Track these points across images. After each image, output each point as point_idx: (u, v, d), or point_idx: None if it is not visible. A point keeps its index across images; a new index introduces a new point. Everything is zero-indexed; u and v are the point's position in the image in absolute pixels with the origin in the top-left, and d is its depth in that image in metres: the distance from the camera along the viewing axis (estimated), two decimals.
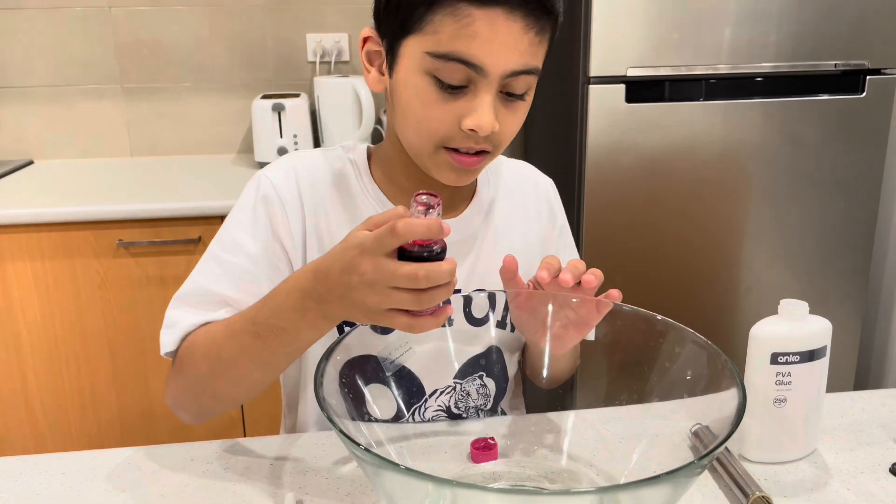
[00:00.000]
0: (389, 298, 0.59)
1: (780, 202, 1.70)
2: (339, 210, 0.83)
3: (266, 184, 0.82)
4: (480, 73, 0.69)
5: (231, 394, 0.76)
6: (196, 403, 0.79)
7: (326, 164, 0.85)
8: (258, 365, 0.71)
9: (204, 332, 0.76)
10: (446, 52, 0.69)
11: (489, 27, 0.67)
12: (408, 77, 0.72)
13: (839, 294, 1.77)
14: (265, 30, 2.08)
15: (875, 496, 0.71)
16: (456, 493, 0.63)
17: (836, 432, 0.82)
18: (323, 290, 0.63)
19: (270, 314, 0.67)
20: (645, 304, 0.72)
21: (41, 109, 2.05)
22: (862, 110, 1.66)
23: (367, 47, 0.78)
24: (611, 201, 1.64)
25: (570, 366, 0.85)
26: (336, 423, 0.56)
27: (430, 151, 0.75)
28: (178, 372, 0.78)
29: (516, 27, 0.68)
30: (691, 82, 1.62)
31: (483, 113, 0.70)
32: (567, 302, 0.75)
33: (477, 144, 0.73)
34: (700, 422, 0.68)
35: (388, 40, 0.74)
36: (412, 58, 0.71)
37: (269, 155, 1.91)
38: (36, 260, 1.60)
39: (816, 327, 0.74)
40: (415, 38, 0.71)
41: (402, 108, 0.74)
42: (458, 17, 0.68)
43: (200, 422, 0.80)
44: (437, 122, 0.72)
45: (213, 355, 0.73)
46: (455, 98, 0.71)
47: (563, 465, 0.76)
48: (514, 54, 0.69)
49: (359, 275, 0.59)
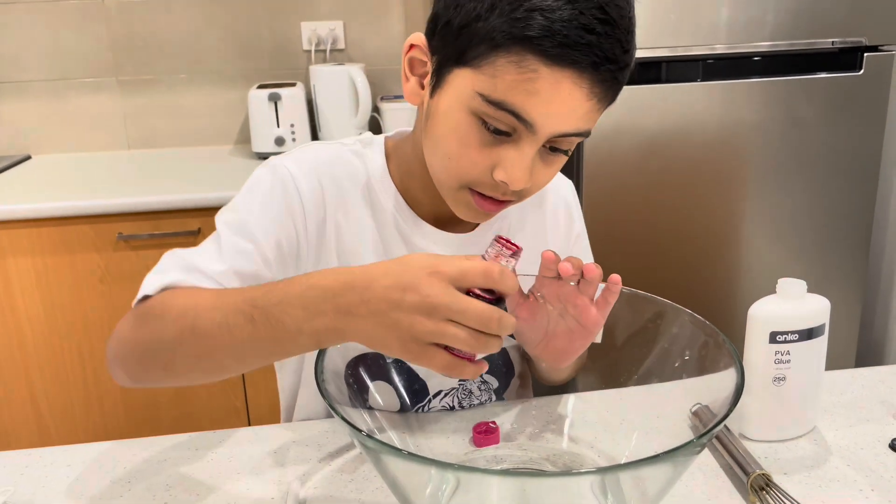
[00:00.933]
0: (444, 331, 0.53)
1: (780, 182, 1.70)
2: (360, 209, 0.80)
3: (283, 172, 0.78)
4: (529, 129, 0.65)
5: (186, 371, 0.67)
6: (141, 367, 0.69)
7: (346, 160, 0.81)
8: (233, 350, 0.62)
9: (187, 293, 0.68)
10: (500, 100, 0.64)
11: (552, 89, 0.62)
12: (451, 109, 0.67)
13: (839, 272, 1.77)
14: (259, 19, 2.07)
15: (875, 472, 0.72)
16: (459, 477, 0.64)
17: (836, 409, 0.83)
18: (355, 300, 0.56)
19: (277, 301, 0.59)
20: (645, 287, 0.72)
21: (37, 104, 2.05)
22: (860, 87, 1.65)
23: (410, 54, 0.72)
24: (610, 184, 1.64)
25: (577, 367, 0.83)
26: (338, 409, 0.56)
27: (454, 188, 0.71)
28: (139, 324, 0.69)
29: (580, 93, 0.63)
30: (688, 63, 1.61)
31: (519, 169, 0.66)
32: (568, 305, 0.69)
33: (503, 196, 0.70)
34: (700, 402, 0.68)
35: (438, 59, 0.69)
36: (461, 91, 0.66)
37: (266, 145, 1.91)
38: (36, 255, 1.60)
39: (815, 306, 0.75)
40: (469, 72, 0.65)
41: (436, 138, 0.70)
42: (523, 68, 0.62)
43: (133, 386, 0.72)
44: (469, 164, 0.68)
45: (187, 322, 0.64)
46: (494, 144, 0.67)
47: (564, 447, 0.76)
48: (572, 119, 0.65)
49: (420, 296, 0.53)
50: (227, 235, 0.75)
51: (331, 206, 0.79)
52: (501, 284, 0.54)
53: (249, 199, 0.77)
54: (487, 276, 0.54)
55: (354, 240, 0.80)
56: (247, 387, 1.75)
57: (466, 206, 0.73)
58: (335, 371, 0.67)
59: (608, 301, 0.69)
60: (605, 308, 0.69)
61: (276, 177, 0.77)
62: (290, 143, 1.91)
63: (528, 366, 0.90)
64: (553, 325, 0.70)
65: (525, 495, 0.58)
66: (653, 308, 0.71)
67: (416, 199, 0.81)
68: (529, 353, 0.78)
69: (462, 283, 0.54)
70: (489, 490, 0.61)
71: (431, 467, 0.59)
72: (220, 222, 0.77)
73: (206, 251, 0.74)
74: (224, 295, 0.64)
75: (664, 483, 0.58)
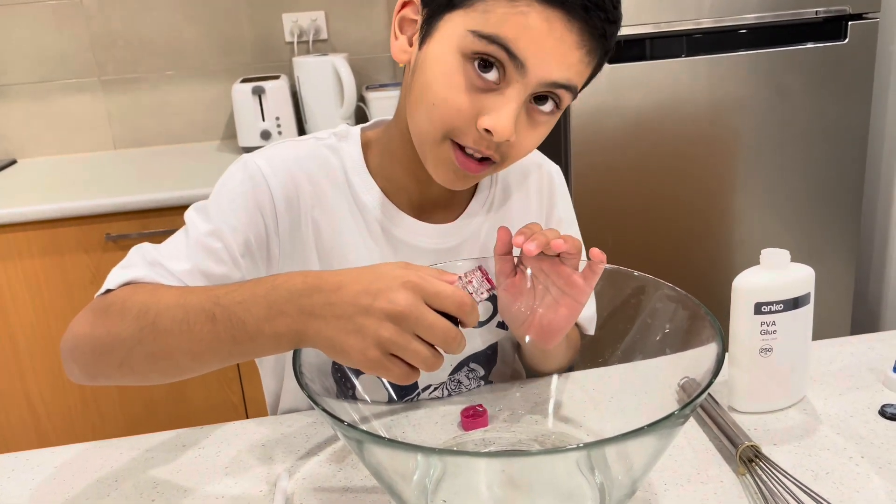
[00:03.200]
0: (408, 343, 0.53)
1: (769, 154, 1.69)
2: (339, 205, 0.79)
3: (254, 169, 0.76)
4: (519, 70, 0.64)
5: (144, 370, 0.64)
6: (96, 363, 0.67)
7: (321, 155, 0.79)
8: (191, 349, 0.61)
9: (150, 290, 0.66)
10: (492, 33, 0.63)
11: (545, 25, 0.62)
12: (441, 52, 0.66)
13: (831, 242, 1.76)
14: (240, 12, 2.05)
15: (865, 438, 0.71)
16: (445, 462, 0.64)
17: (826, 378, 0.82)
18: (321, 301, 0.55)
19: (241, 300, 0.58)
20: (637, 265, 0.72)
21: (20, 107, 2.04)
22: (845, 56, 1.64)
23: (403, 13, 0.71)
24: (598, 164, 1.64)
25: (570, 356, 0.82)
26: (318, 401, 0.56)
27: (437, 140, 0.69)
28: (97, 319, 0.66)
29: (570, 38, 0.63)
30: (673, 38, 1.60)
31: (504, 116, 0.65)
32: (552, 275, 0.71)
33: (486, 149, 0.68)
34: (687, 375, 0.68)
35: (428, 10, 0.68)
36: (451, 33, 0.66)
37: (252, 139, 1.90)
38: (25, 259, 1.59)
39: (799, 275, 0.74)
40: (460, 14, 0.65)
41: (423, 85, 0.68)
42: (515, 2, 0.63)
43: (87, 383, 0.70)
44: (454, 109, 0.66)
45: (148, 319, 0.62)
46: (481, 93, 0.66)
47: (553, 427, 0.76)
48: (562, 65, 0.64)
49: (391, 304, 0.52)
50: (195, 233, 0.73)
51: (306, 204, 0.77)
52: (468, 317, 0.55)
53: (219, 196, 0.76)
54: (460, 306, 0.54)
55: (334, 236, 0.79)
56: (243, 381, 1.74)
57: (448, 165, 0.70)
58: (321, 368, 0.67)
59: (594, 271, 0.70)
60: (592, 278, 0.70)
61: (246, 174, 0.76)
62: (276, 136, 1.90)
63: (520, 358, 0.88)
64: (539, 300, 0.70)
65: (512, 476, 0.58)
66: (633, 283, 0.70)
67: (399, 186, 0.80)
68: (518, 336, 0.78)
69: (433, 302, 0.54)
70: (477, 473, 0.61)
71: (415, 454, 0.59)
72: (188, 218, 0.76)
73: (173, 248, 0.73)
74: (188, 293, 0.63)
75: (650, 456, 0.57)
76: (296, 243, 0.78)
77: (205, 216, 0.75)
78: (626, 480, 0.58)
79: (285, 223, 0.77)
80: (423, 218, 0.81)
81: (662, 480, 0.67)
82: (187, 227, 0.75)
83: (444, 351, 0.55)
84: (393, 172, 0.79)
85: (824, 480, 0.66)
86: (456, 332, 0.54)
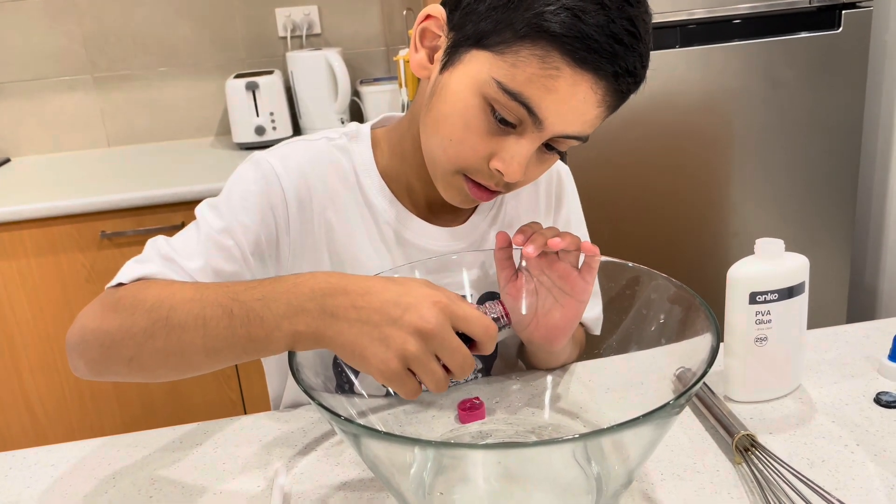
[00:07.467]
0: (428, 362, 0.53)
1: (763, 144, 1.69)
2: (351, 206, 0.78)
3: (267, 169, 0.75)
4: (537, 124, 0.65)
5: (153, 366, 0.63)
6: (104, 358, 0.65)
7: (332, 157, 0.79)
8: (206, 346, 0.60)
9: (164, 285, 0.65)
10: (517, 91, 0.63)
11: (570, 89, 0.62)
12: (462, 88, 0.66)
13: (827, 232, 1.77)
14: (233, 7, 2.04)
15: (860, 426, 0.72)
16: (442, 455, 0.64)
17: (821, 367, 0.82)
18: (346, 304, 0.54)
19: (260, 297, 0.57)
20: (632, 256, 0.72)
21: (13, 105, 2.03)
22: (839, 45, 1.64)
23: (425, 24, 0.70)
24: (593, 156, 1.63)
25: (575, 352, 0.82)
26: (314, 396, 0.56)
27: (449, 171, 0.70)
28: (107, 312, 0.65)
29: (593, 99, 0.64)
30: (667, 29, 1.60)
31: (517, 162, 0.66)
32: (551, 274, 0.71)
33: (496, 186, 0.70)
34: (683, 365, 0.68)
35: (455, 36, 0.67)
36: (476, 74, 0.65)
37: (247, 135, 1.89)
38: (20, 258, 1.59)
39: (793, 264, 0.74)
40: (488, 56, 0.64)
41: (441, 115, 0.68)
42: (546, 64, 0.61)
43: (92, 379, 0.68)
44: (469, 150, 0.67)
45: (161, 313, 0.61)
46: (497, 134, 0.66)
47: (550, 419, 0.76)
48: (579, 122, 0.65)
49: (422, 320, 0.52)
50: (207, 229, 0.73)
51: (319, 205, 0.77)
52: (488, 345, 0.56)
53: (231, 193, 0.75)
54: (486, 331, 0.55)
55: (347, 238, 0.79)
56: (241, 379, 1.74)
57: (458, 192, 0.72)
58: (321, 362, 0.67)
59: (592, 267, 0.71)
60: (590, 274, 0.71)
61: (259, 172, 0.75)
62: (270, 132, 1.90)
63: (521, 357, 0.88)
64: (541, 301, 0.71)
65: (509, 468, 0.58)
66: (628, 274, 0.71)
67: (408, 186, 0.80)
68: (522, 339, 0.78)
69: (459, 325, 0.54)
70: (474, 466, 0.61)
71: (412, 447, 0.59)
72: (200, 214, 0.75)
73: (184, 245, 0.72)
74: (203, 288, 0.62)
75: (646, 447, 0.57)
76: (307, 244, 0.77)
77: (217, 213, 0.74)
78: (623, 471, 0.58)
79: (296, 223, 0.76)
80: (431, 218, 0.81)
81: (659, 470, 0.67)
82: (198, 223, 0.74)
83: (458, 375, 0.55)
84: (402, 173, 0.80)
85: (820, 468, 0.66)
86: (472, 360, 0.55)
